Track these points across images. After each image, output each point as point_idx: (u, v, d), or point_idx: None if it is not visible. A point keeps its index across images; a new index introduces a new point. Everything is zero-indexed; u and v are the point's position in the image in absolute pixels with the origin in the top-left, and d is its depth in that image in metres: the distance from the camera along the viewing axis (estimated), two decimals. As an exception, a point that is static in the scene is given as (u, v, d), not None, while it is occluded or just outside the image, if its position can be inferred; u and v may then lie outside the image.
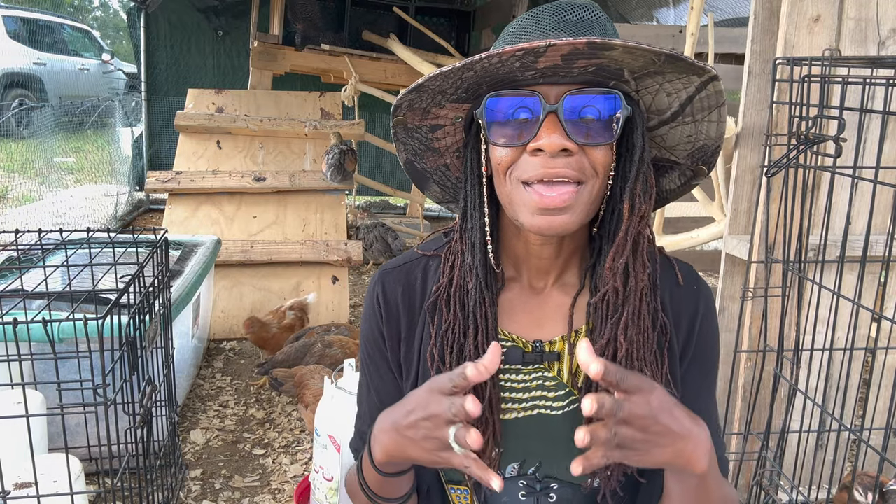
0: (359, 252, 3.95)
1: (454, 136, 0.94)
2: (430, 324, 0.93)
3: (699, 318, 0.93)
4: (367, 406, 1.02)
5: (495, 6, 5.63)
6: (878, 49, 1.90)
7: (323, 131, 4.54)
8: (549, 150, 0.78)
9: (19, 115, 6.63)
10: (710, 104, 0.83)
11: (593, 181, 0.81)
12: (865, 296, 1.93)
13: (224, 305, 3.73)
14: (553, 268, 0.92)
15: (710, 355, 0.95)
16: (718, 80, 0.79)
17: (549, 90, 0.80)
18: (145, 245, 2.00)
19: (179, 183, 4.06)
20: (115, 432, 1.58)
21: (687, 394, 0.93)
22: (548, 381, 0.92)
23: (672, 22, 5.79)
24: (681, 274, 0.94)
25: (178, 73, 6.44)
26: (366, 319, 1.00)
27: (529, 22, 0.84)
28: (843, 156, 1.53)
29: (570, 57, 0.74)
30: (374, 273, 1.01)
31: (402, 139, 0.94)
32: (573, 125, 0.79)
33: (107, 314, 1.55)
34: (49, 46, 9.30)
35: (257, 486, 2.43)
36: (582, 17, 0.82)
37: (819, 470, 1.96)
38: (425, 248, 0.99)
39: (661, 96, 0.84)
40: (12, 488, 1.69)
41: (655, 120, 0.88)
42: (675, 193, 0.96)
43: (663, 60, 0.76)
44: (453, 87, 0.84)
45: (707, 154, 0.88)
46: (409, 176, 1.01)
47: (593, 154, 0.80)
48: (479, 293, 0.89)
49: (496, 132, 0.82)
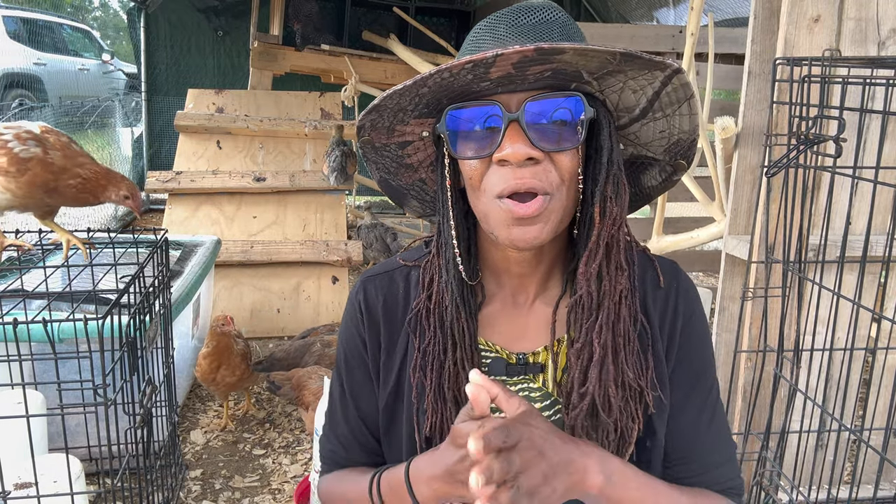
0: (359, 252, 3.95)
1: (425, 150, 0.93)
2: (413, 338, 0.92)
3: (680, 318, 0.91)
4: (341, 411, 1.01)
5: (495, 6, 5.62)
6: (878, 49, 1.90)
7: (323, 131, 4.54)
8: (514, 160, 0.77)
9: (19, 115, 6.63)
10: (678, 97, 0.81)
11: (561, 190, 0.80)
12: (865, 296, 1.93)
13: (224, 305, 3.74)
14: (534, 277, 0.91)
15: (699, 355, 0.93)
16: (682, 72, 0.78)
17: (510, 98, 0.79)
18: (145, 245, 2.00)
19: (179, 183, 4.06)
20: (116, 432, 1.58)
21: (676, 396, 0.90)
22: (532, 392, 0.91)
23: (672, 22, 5.78)
24: (662, 274, 0.92)
25: (178, 73, 6.44)
26: (346, 325, 0.99)
27: (486, 30, 0.82)
28: (843, 156, 1.53)
29: (522, 65, 0.73)
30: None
31: (372, 158, 0.93)
32: (536, 132, 0.77)
33: (107, 314, 1.55)
34: (49, 46, 9.29)
35: (257, 486, 2.43)
36: (539, 19, 0.80)
37: (819, 470, 1.96)
38: (407, 258, 0.98)
39: (626, 94, 0.83)
40: (12, 488, 1.69)
41: (626, 118, 0.86)
42: (657, 190, 0.95)
43: (619, 60, 0.74)
44: (412, 104, 0.82)
45: (683, 148, 0.87)
46: (385, 194, 1.00)
47: (560, 160, 0.79)
48: (455, 309, 0.88)
49: (460, 146, 0.81)
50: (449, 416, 0.88)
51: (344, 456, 1.01)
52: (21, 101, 7.84)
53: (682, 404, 0.91)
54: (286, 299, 3.85)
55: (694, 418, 0.92)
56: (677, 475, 0.92)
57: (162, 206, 5.13)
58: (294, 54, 5.15)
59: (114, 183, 1.80)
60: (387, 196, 1.01)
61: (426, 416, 0.89)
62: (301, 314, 3.83)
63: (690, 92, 0.80)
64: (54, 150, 1.70)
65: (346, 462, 1.02)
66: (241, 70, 6.23)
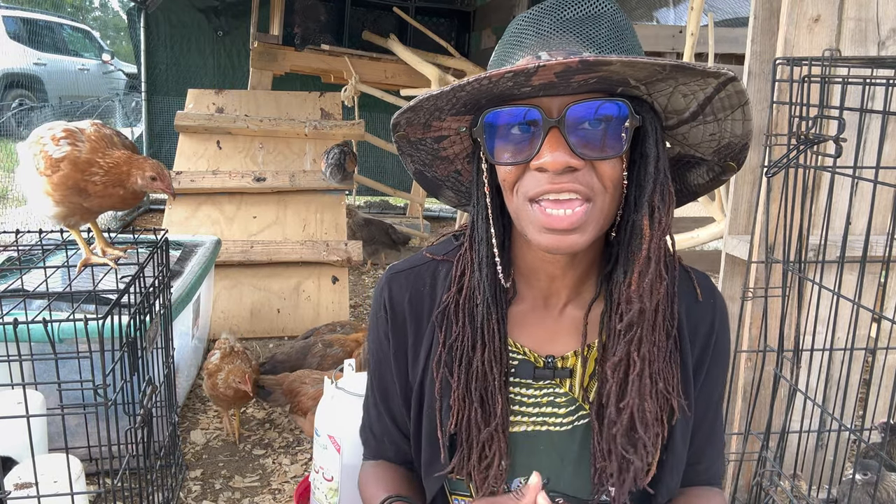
0: (359, 252, 3.95)
1: (461, 143, 0.90)
2: (439, 332, 0.89)
3: (714, 334, 0.90)
4: (373, 407, 1.01)
5: (495, 6, 5.63)
6: (878, 49, 1.90)
7: (323, 131, 4.54)
8: (553, 169, 0.73)
9: (19, 115, 6.64)
10: (731, 104, 0.77)
11: (603, 197, 0.76)
12: (865, 296, 1.93)
13: (224, 305, 3.74)
14: (567, 280, 0.88)
15: (723, 370, 0.93)
16: (738, 80, 0.74)
17: (551, 102, 0.75)
18: (145, 245, 2.00)
19: (179, 183, 4.06)
20: (116, 432, 1.58)
21: (699, 409, 0.91)
22: (558, 398, 0.89)
23: (672, 22, 5.79)
24: (699, 288, 0.90)
25: (178, 73, 6.44)
26: (372, 324, 0.97)
27: (529, 23, 0.78)
28: (843, 156, 1.53)
29: (565, 74, 0.69)
30: (380, 275, 1.00)
31: (407, 152, 0.90)
32: (578, 139, 0.73)
33: (107, 314, 1.55)
34: (49, 47, 9.29)
35: (257, 487, 2.43)
36: (586, 12, 0.76)
37: (819, 470, 1.96)
38: (435, 252, 0.96)
39: (676, 98, 0.78)
40: (13, 488, 1.69)
41: (674, 119, 0.82)
42: (704, 188, 0.91)
43: (669, 70, 0.71)
44: (449, 105, 0.79)
45: (735, 151, 0.82)
46: (420, 185, 0.97)
47: (601, 168, 0.75)
48: (486, 308, 0.85)
49: (497, 150, 0.77)
50: (474, 417, 0.86)
51: (375, 447, 1.03)
52: (21, 101, 7.84)
53: (702, 415, 0.91)
54: (286, 299, 3.85)
55: (708, 426, 0.94)
56: (686, 477, 0.93)
57: (162, 206, 5.13)
58: (294, 54, 5.15)
59: (137, 166, 1.70)
60: (420, 186, 0.98)
61: (451, 413, 0.87)
62: (301, 314, 3.83)
63: (745, 98, 0.76)
64: (83, 144, 1.64)
65: (377, 453, 1.03)
66: (241, 70, 6.23)
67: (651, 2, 6.00)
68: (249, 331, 3.75)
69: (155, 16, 6.30)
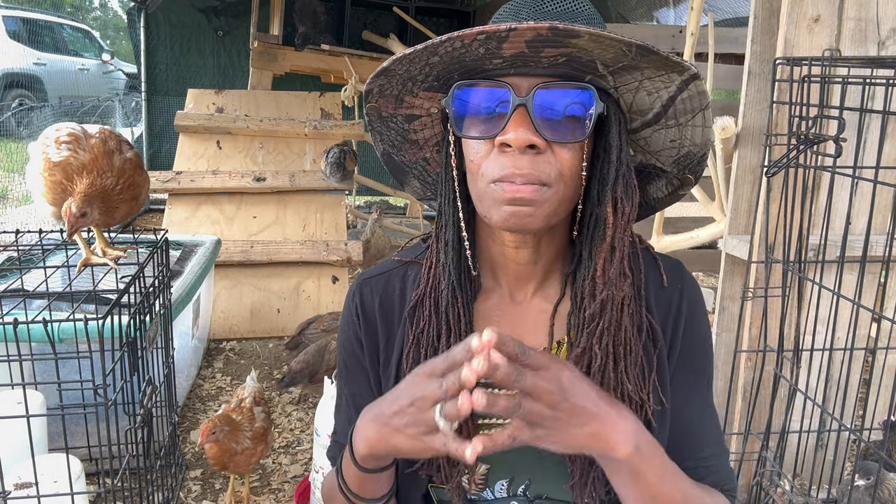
0: (359, 252, 3.95)
1: (432, 128, 0.91)
2: (409, 329, 0.89)
3: (683, 319, 0.89)
4: (344, 415, 0.99)
5: (495, 6, 5.63)
6: (878, 49, 1.90)
7: (323, 131, 4.54)
8: (516, 145, 0.75)
9: (19, 115, 6.64)
10: (693, 106, 0.79)
11: (559, 184, 0.77)
12: (865, 296, 1.93)
13: (224, 305, 3.74)
14: (532, 275, 0.89)
15: (698, 358, 0.91)
16: (700, 78, 0.75)
17: (521, 81, 0.76)
18: (145, 245, 2.00)
19: (179, 183, 4.06)
20: (116, 432, 1.58)
21: (677, 398, 0.89)
22: None
23: (672, 22, 5.79)
24: (666, 274, 0.90)
25: (178, 73, 6.44)
26: (343, 329, 0.97)
27: (509, 14, 0.81)
28: (843, 156, 1.53)
29: (536, 44, 0.71)
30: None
31: (377, 128, 0.91)
32: (543, 120, 0.75)
33: (107, 314, 1.55)
34: (49, 46, 9.30)
35: (257, 487, 2.43)
36: (564, 8, 0.78)
37: (819, 470, 1.96)
38: (403, 255, 0.96)
39: (641, 95, 0.80)
40: (13, 488, 1.69)
41: (638, 121, 0.84)
42: (662, 203, 0.93)
43: (634, 52, 0.72)
44: (422, 74, 0.80)
45: (693, 162, 0.85)
46: (387, 168, 0.98)
47: (561, 154, 0.77)
48: (451, 292, 0.85)
49: (465, 125, 0.79)
50: None
51: None
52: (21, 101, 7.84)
53: (681, 404, 0.90)
54: (286, 299, 3.85)
55: (692, 417, 0.91)
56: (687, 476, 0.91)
57: (162, 206, 5.12)
58: (294, 54, 5.15)
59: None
60: (388, 170, 0.99)
61: None
62: (301, 314, 3.82)
63: (706, 102, 0.78)
64: (84, 153, 1.64)
65: None
66: (241, 70, 6.23)
67: (651, 2, 6.01)
68: (249, 331, 3.75)
69: (155, 16, 6.30)
